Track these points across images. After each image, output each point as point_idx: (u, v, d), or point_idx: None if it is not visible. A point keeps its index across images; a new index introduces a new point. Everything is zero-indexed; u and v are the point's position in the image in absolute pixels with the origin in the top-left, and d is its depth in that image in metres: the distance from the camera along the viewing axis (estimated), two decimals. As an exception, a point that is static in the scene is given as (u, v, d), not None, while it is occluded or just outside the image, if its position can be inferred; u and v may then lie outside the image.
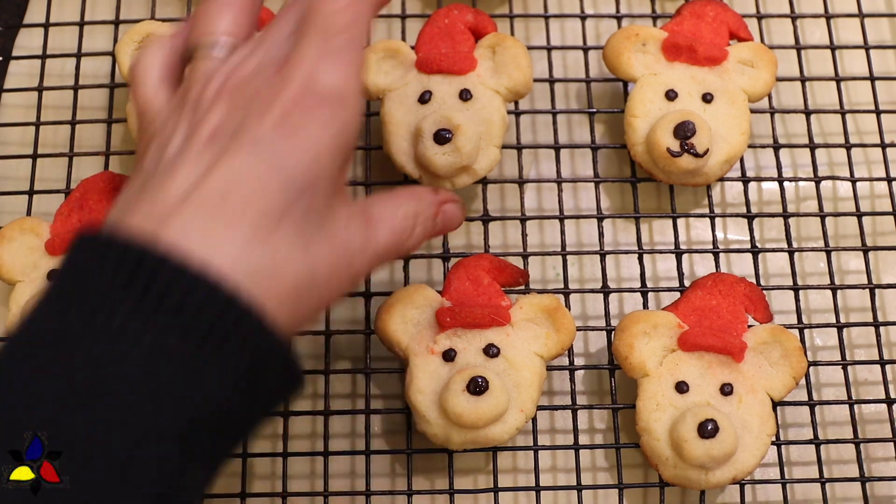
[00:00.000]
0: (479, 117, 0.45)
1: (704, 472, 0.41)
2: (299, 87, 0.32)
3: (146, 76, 0.36)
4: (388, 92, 0.46)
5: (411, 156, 0.45)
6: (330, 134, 0.32)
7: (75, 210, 0.45)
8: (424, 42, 0.47)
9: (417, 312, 0.43)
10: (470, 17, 0.47)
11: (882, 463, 0.46)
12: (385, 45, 0.46)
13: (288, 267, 0.31)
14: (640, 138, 0.47)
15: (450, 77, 0.46)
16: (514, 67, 0.46)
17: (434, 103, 0.45)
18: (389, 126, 0.45)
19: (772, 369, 0.43)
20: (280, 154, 0.31)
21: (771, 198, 0.51)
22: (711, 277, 0.45)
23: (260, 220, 0.31)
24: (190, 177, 0.31)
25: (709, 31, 0.49)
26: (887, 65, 0.54)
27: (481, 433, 0.41)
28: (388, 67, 0.46)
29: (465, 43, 0.47)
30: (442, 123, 0.43)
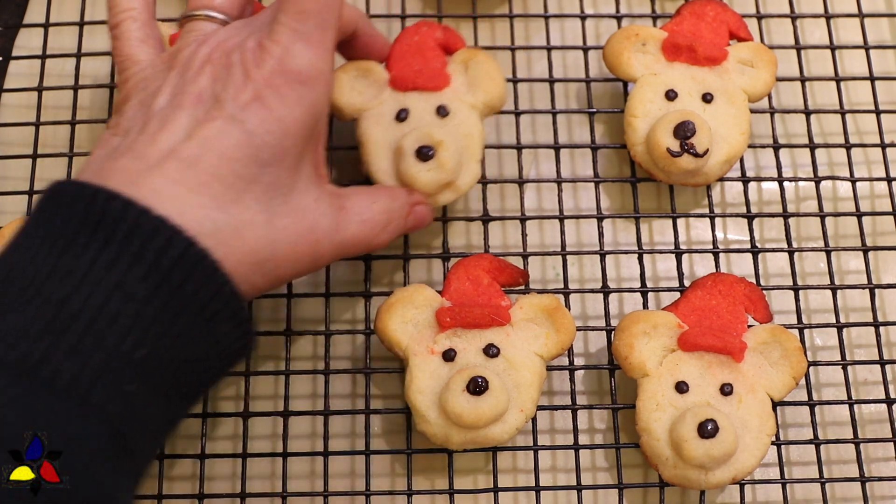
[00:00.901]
0: (458, 133, 0.44)
1: (704, 472, 0.41)
2: (273, 65, 0.34)
3: (130, 29, 0.39)
4: (363, 112, 0.45)
5: (393, 175, 0.43)
6: (299, 111, 0.35)
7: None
8: (396, 60, 0.46)
9: (417, 312, 0.43)
10: (439, 33, 0.46)
11: (882, 463, 0.46)
12: (356, 65, 0.45)
13: (249, 232, 0.34)
14: (640, 138, 0.47)
15: (425, 94, 0.45)
16: (488, 82, 0.45)
17: (412, 121, 0.44)
18: (368, 146, 0.44)
19: (772, 369, 0.43)
20: (251, 128, 0.34)
21: (771, 198, 0.51)
22: (711, 277, 0.45)
23: (225, 188, 0.33)
24: (171, 137, 0.34)
25: (709, 31, 0.49)
26: (887, 65, 0.54)
27: (481, 433, 0.41)
28: (361, 87, 0.45)
29: (437, 59, 0.46)
30: (423, 140, 0.42)
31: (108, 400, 0.30)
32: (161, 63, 0.38)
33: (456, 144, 0.43)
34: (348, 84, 0.45)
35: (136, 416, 0.31)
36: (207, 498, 0.43)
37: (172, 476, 0.44)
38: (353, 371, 0.46)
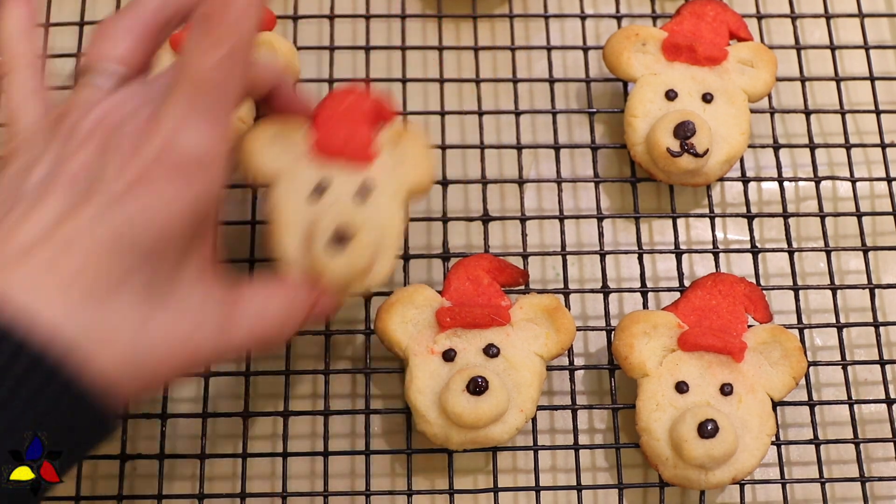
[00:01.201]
0: (377, 217, 0.39)
1: (704, 472, 0.41)
2: (159, 146, 0.31)
3: (19, 80, 0.36)
4: (277, 180, 0.39)
5: (301, 257, 0.39)
6: (184, 201, 0.31)
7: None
8: (321, 124, 0.40)
9: (417, 312, 0.43)
10: (370, 101, 0.42)
11: (882, 463, 0.46)
12: (278, 125, 0.40)
13: (121, 334, 0.30)
14: (640, 138, 0.47)
15: (348, 168, 0.40)
16: (416, 163, 0.40)
17: (331, 196, 0.39)
18: (278, 221, 0.39)
19: (772, 369, 0.43)
20: (127, 216, 0.30)
21: (771, 198, 0.51)
22: (711, 277, 0.45)
23: (97, 283, 0.30)
24: (40, 223, 0.30)
25: (709, 31, 0.49)
26: (887, 65, 0.54)
27: (481, 433, 0.41)
28: (278, 150, 0.40)
29: (365, 130, 0.41)
30: (340, 224, 0.38)
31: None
32: (44, 128, 0.34)
33: (375, 230, 0.39)
34: (265, 146, 0.40)
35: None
36: (207, 498, 0.43)
37: (172, 476, 0.44)
38: (353, 371, 0.46)
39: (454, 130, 0.51)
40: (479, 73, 0.51)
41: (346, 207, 0.39)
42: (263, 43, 0.47)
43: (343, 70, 0.52)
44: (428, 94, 0.52)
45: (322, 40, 0.53)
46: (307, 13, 0.52)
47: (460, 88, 0.52)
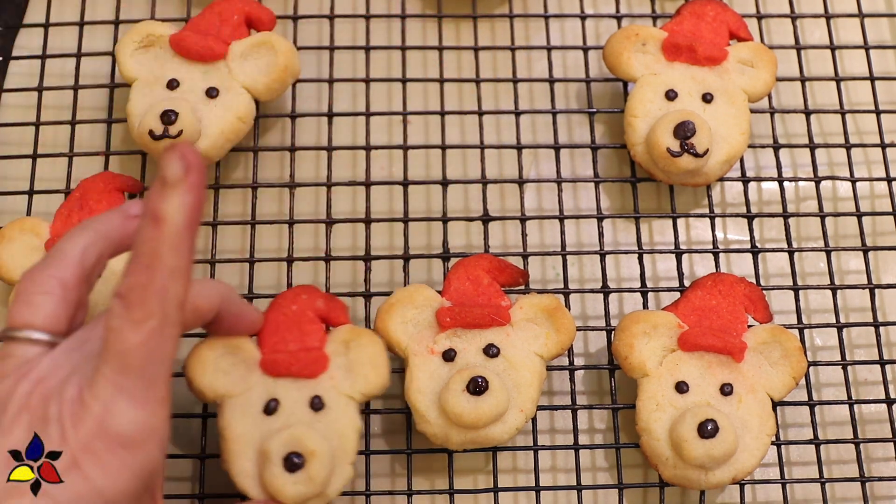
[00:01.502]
0: (332, 430, 0.39)
1: (704, 472, 0.41)
2: (92, 427, 0.30)
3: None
4: (227, 398, 0.39)
5: (256, 478, 0.38)
6: (122, 479, 0.30)
7: (76, 210, 0.45)
8: (269, 334, 0.40)
9: (417, 312, 0.43)
10: (321, 303, 0.41)
11: (882, 463, 0.46)
12: (225, 342, 0.39)
13: None
14: (640, 138, 0.47)
15: (299, 381, 0.39)
16: (370, 369, 0.40)
17: (281, 414, 0.39)
18: (229, 442, 0.39)
19: (772, 369, 0.43)
20: (75, 493, 0.30)
21: (771, 198, 0.51)
22: (711, 277, 0.45)
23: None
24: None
25: (709, 31, 0.49)
26: (887, 65, 0.54)
27: (481, 433, 0.41)
28: (227, 366, 0.39)
29: (315, 335, 0.40)
30: (293, 446, 0.37)
31: None
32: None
33: (330, 451, 0.38)
34: (213, 363, 0.39)
35: None
36: (208, 498, 0.43)
37: (172, 476, 0.44)
38: (353, 371, 0.46)
39: (454, 130, 0.51)
40: (479, 73, 0.51)
41: (297, 428, 0.38)
42: (263, 43, 0.47)
43: (343, 70, 0.52)
44: (428, 94, 0.52)
45: (322, 40, 0.53)
46: (307, 13, 0.52)
47: (460, 88, 0.52)
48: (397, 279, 0.48)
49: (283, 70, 0.47)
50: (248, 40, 0.47)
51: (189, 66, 0.47)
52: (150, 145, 0.45)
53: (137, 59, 0.47)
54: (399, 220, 0.48)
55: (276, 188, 0.49)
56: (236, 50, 0.47)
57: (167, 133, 0.44)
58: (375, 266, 0.48)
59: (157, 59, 0.47)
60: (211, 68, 0.47)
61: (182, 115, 0.44)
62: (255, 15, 0.48)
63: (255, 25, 0.48)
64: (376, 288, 0.47)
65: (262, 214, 0.49)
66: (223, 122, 0.46)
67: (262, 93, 0.47)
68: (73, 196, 0.46)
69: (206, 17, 0.48)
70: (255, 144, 0.49)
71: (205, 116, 0.46)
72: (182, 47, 0.47)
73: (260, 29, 0.48)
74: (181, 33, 0.47)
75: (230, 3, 0.48)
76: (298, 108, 0.50)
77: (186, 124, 0.44)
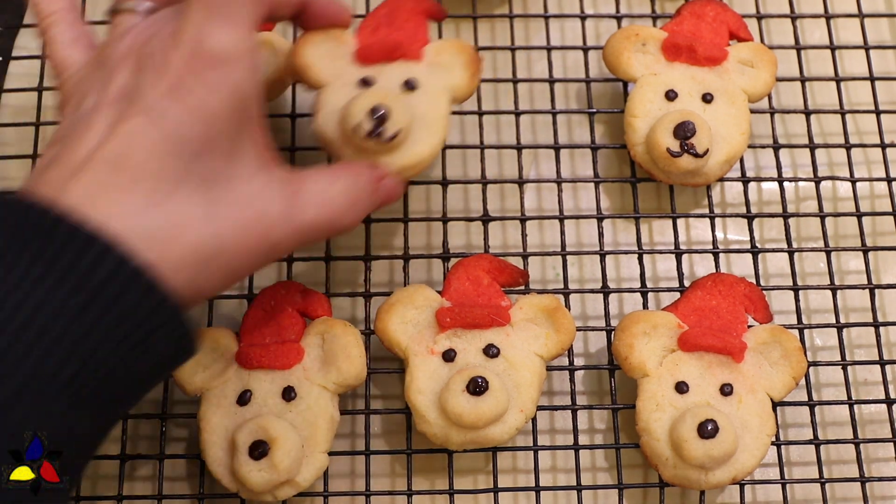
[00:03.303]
0: (303, 420, 0.40)
1: (704, 472, 0.41)
2: (188, 51, 0.32)
3: (58, 32, 0.38)
4: (205, 391, 0.41)
5: (228, 467, 0.40)
6: (221, 96, 0.33)
7: (383, 25, 0.44)
8: (249, 329, 0.42)
9: (417, 313, 0.43)
10: (299, 297, 0.43)
11: (882, 463, 0.46)
12: (203, 336, 0.41)
13: (188, 231, 0.32)
14: (640, 138, 0.47)
15: (272, 372, 0.41)
16: (343, 359, 0.41)
17: (254, 405, 0.40)
18: (205, 433, 0.41)
19: (772, 369, 0.43)
20: (172, 119, 0.32)
21: (771, 198, 0.51)
22: (711, 277, 0.45)
23: (156, 185, 0.31)
24: (92, 140, 0.32)
25: (709, 31, 0.49)
26: (887, 65, 0.54)
27: (481, 433, 0.41)
28: (207, 360, 0.41)
29: (293, 328, 0.42)
30: (258, 434, 0.39)
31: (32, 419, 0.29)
32: (90, 65, 0.36)
33: (296, 440, 0.39)
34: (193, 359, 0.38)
35: (65, 434, 0.30)
36: (208, 498, 0.43)
37: (172, 476, 0.44)
38: (353, 371, 0.46)
39: (454, 130, 0.51)
40: (479, 73, 0.51)
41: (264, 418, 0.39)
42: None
43: (343, 70, 0.52)
44: (428, 94, 0.52)
45: (322, 40, 0.53)
46: (307, 13, 0.52)
47: (460, 88, 0.52)
48: (397, 279, 0.48)
49: (282, 70, 0.47)
50: (249, 40, 0.47)
51: (189, 66, 0.47)
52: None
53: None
54: (399, 220, 0.48)
55: (276, 188, 0.49)
56: (236, 50, 0.47)
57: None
58: (375, 266, 0.48)
59: None
60: (211, 68, 0.47)
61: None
62: (255, 15, 0.48)
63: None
64: (376, 288, 0.47)
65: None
66: (223, 122, 0.46)
67: (262, 93, 0.47)
68: (380, 11, 0.45)
69: (207, 17, 0.48)
70: (255, 144, 0.49)
71: (205, 116, 0.46)
72: (182, 47, 0.47)
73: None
74: None
75: (230, 3, 0.48)
76: (298, 108, 0.50)
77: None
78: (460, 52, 0.43)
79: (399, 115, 0.40)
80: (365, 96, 0.40)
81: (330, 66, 0.42)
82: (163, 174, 0.31)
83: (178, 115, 0.32)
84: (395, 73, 0.42)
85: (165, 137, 0.32)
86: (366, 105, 0.40)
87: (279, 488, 0.40)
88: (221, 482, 0.40)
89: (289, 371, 0.41)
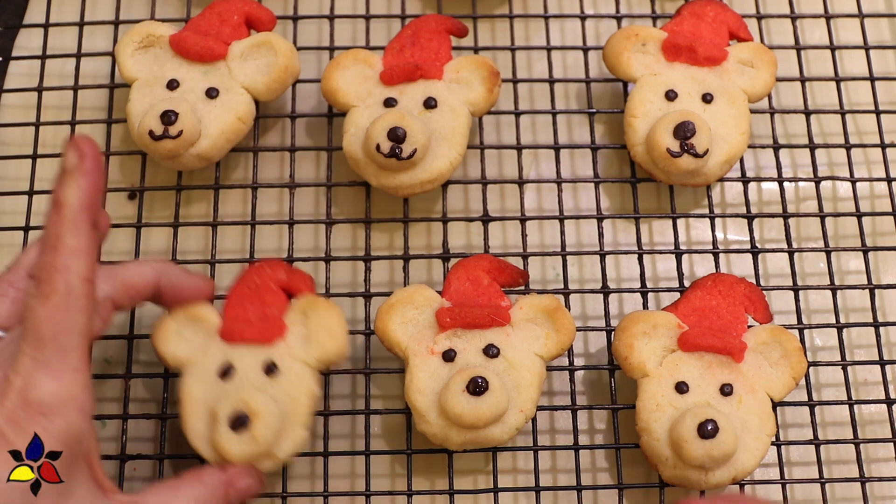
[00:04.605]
0: (283, 394, 0.40)
1: (704, 472, 0.41)
2: (15, 399, 0.33)
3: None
4: (187, 364, 0.41)
5: (208, 439, 0.40)
6: (50, 439, 0.33)
7: (408, 46, 0.47)
8: (232, 305, 0.42)
9: (417, 313, 0.43)
10: (283, 275, 0.43)
11: (882, 463, 0.46)
12: (187, 311, 0.42)
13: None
14: (640, 138, 0.47)
15: (255, 347, 0.41)
16: (326, 336, 0.41)
17: (236, 378, 0.40)
18: (185, 405, 0.40)
19: (772, 369, 0.43)
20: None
21: (771, 198, 0.51)
22: (711, 278, 0.45)
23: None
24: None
25: (709, 32, 0.49)
26: (887, 65, 0.54)
27: (481, 433, 0.41)
28: (189, 334, 0.42)
29: (276, 305, 0.42)
30: (239, 407, 0.39)
31: None
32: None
33: (276, 413, 0.39)
34: (175, 332, 0.42)
35: None
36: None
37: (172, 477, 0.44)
38: (353, 371, 0.46)
39: (454, 130, 0.51)
40: (479, 74, 0.51)
41: (245, 391, 0.39)
42: (263, 43, 0.47)
43: (343, 70, 0.52)
44: (428, 94, 0.52)
45: (322, 40, 0.53)
46: (307, 13, 0.53)
47: (460, 88, 0.52)
48: (397, 279, 0.48)
49: (283, 70, 0.47)
50: (248, 40, 0.47)
51: (189, 67, 0.47)
52: (150, 146, 0.45)
53: (137, 59, 0.47)
54: (399, 220, 0.48)
55: (276, 188, 0.49)
56: (236, 50, 0.47)
57: (167, 133, 0.44)
58: (375, 266, 0.48)
59: (157, 59, 0.47)
60: (211, 68, 0.47)
61: (182, 115, 0.44)
62: (255, 15, 0.48)
63: (255, 26, 0.48)
64: (376, 288, 0.47)
65: (262, 214, 0.49)
66: (223, 123, 0.46)
67: (262, 93, 0.47)
68: (405, 33, 0.48)
69: (206, 18, 0.48)
70: (255, 144, 0.49)
71: (205, 117, 0.46)
72: (182, 48, 0.47)
73: (260, 29, 0.48)
74: (181, 34, 0.47)
75: (230, 4, 0.48)
76: (298, 108, 0.50)
77: (186, 125, 0.44)
78: (479, 67, 0.46)
79: (416, 135, 0.43)
80: (384, 117, 0.44)
81: (358, 88, 0.46)
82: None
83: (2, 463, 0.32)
84: (416, 93, 0.46)
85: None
86: (385, 126, 0.43)
87: (258, 461, 0.40)
88: (200, 453, 0.40)
89: (271, 346, 0.41)
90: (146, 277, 0.40)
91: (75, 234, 0.33)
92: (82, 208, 0.33)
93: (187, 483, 0.38)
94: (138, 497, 0.37)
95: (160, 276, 0.41)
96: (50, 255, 0.33)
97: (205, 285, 0.43)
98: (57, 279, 0.33)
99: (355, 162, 0.46)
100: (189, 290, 0.42)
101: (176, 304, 0.42)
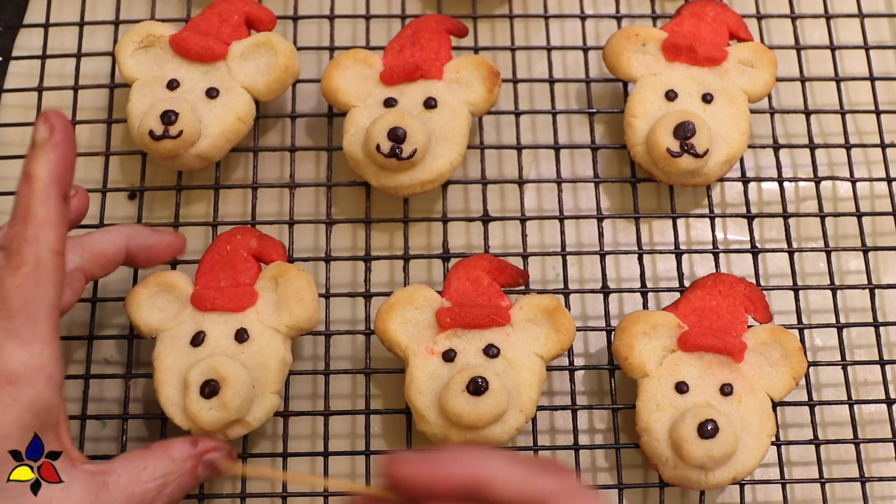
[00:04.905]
0: (254, 361, 0.41)
1: (704, 472, 0.41)
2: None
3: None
4: (160, 332, 0.42)
5: (181, 406, 0.40)
6: (13, 413, 0.33)
7: (408, 46, 0.48)
8: (204, 272, 0.43)
9: (417, 313, 0.43)
10: (254, 242, 0.43)
11: (882, 463, 0.46)
12: (158, 278, 0.43)
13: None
14: (640, 138, 0.47)
15: (226, 314, 0.42)
16: (296, 303, 0.42)
17: (208, 345, 0.41)
18: (158, 372, 0.41)
19: (772, 369, 0.43)
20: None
21: (771, 198, 0.51)
22: (711, 278, 0.45)
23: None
24: None
25: (709, 32, 0.49)
26: (887, 65, 0.54)
27: (481, 433, 0.41)
28: (162, 303, 0.42)
29: (248, 272, 0.43)
30: (209, 374, 0.39)
31: None
32: None
33: (246, 379, 0.40)
34: (148, 300, 0.42)
35: None
36: (208, 498, 0.43)
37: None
38: (353, 371, 0.46)
39: (454, 130, 0.51)
40: (479, 74, 0.51)
41: (215, 358, 0.40)
42: (263, 43, 0.47)
43: (343, 70, 0.52)
44: (428, 94, 0.52)
45: (322, 40, 0.53)
46: (307, 13, 0.53)
47: (460, 88, 0.52)
48: (397, 279, 0.48)
49: (283, 70, 0.47)
50: (248, 40, 0.47)
51: (189, 67, 0.47)
52: (150, 146, 0.45)
53: (137, 59, 0.47)
54: (399, 220, 0.48)
55: (277, 188, 0.49)
56: (236, 50, 0.47)
57: (167, 133, 0.44)
58: (375, 266, 0.48)
59: (157, 59, 0.47)
60: (211, 68, 0.47)
61: (182, 115, 0.44)
62: (255, 15, 0.48)
63: (255, 26, 0.48)
64: (376, 288, 0.47)
65: (262, 214, 0.49)
66: (223, 123, 0.46)
67: (262, 93, 0.47)
68: (405, 33, 0.48)
69: (206, 18, 0.48)
70: (255, 144, 0.49)
71: (205, 116, 0.46)
72: (182, 48, 0.47)
73: (260, 29, 0.48)
74: (181, 33, 0.47)
75: (230, 4, 0.48)
76: (298, 108, 0.50)
77: (186, 124, 0.44)
78: (479, 67, 0.46)
79: (416, 135, 0.43)
80: (384, 117, 0.44)
81: (358, 88, 0.46)
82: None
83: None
84: (416, 93, 0.46)
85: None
86: (385, 126, 0.43)
87: (230, 427, 0.40)
88: (174, 421, 0.41)
89: (242, 313, 0.42)
90: (116, 244, 0.41)
91: (45, 206, 0.33)
92: (52, 180, 0.33)
93: (156, 456, 0.38)
94: (105, 466, 0.37)
95: (129, 241, 0.41)
96: (20, 227, 0.33)
97: (175, 241, 0.43)
98: (26, 250, 0.33)
99: (355, 162, 0.46)
100: (160, 248, 0.42)
101: (149, 264, 0.43)
